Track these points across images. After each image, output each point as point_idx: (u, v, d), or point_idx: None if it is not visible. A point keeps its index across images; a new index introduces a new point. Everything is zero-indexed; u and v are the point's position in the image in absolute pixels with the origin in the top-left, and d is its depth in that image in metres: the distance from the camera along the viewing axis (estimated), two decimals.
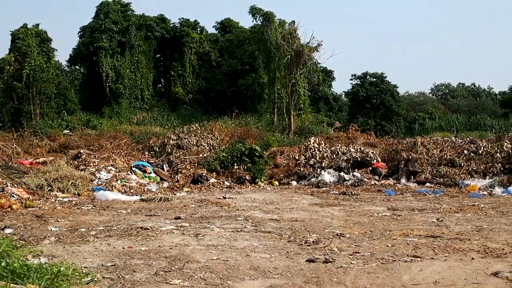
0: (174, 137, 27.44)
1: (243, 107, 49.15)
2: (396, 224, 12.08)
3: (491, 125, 50.17)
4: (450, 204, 16.02)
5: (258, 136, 30.58)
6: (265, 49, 43.50)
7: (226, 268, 7.88)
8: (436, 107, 67.16)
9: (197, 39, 52.56)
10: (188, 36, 51.72)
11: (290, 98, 41.42)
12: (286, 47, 40.95)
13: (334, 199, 17.53)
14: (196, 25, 54.88)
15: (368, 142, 27.47)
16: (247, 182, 22.27)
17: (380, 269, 7.77)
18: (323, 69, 56.64)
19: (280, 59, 41.60)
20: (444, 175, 21.78)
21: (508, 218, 12.91)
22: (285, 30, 43.17)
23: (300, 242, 9.91)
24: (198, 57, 52.55)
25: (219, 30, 56.92)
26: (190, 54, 51.61)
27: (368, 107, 55.39)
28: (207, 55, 52.54)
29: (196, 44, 52.28)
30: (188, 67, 51.49)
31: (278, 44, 41.53)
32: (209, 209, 14.88)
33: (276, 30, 42.67)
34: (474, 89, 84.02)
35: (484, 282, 7.04)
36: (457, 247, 9.24)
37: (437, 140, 26.14)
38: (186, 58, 51.28)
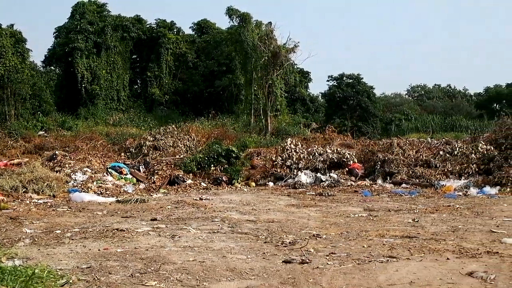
0: (150, 138, 27.33)
1: (220, 108, 49.13)
2: (372, 225, 12.12)
3: (467, 126, 50.59)
4: (425, 204, 16.09)
5: (235, 137, 30.58)
6: (242, 50, 43.58)
7: (203, 270, 7.84)
8: (412, 108, 67.57)
9: (173, 40, 52.53)
10: (165, 37, 51.67)
11: (267, 99, 41.48)
12: (263, 48, 41.00)
13: (310, 200, 17.54)
14: (173, 26, 54.82)
15: (344, 143, 27.57)
16: (224, 183, 22.23)
17: (356, 269, 7.78)
18: (299, 70, 56.78)
19: (257, 60, 41.66)
20: (420, 176, 21.91)
21: (483, 219, 13.00)
22: (261, 31, 43.23)
23: (277, 243, 9.90)
24: (175, 58, 52.53)
25: (196, 31, 56.89)
26: (167, 55, 51.57)
27: (344, 108, 55.53)
28: (184, 56, 52.52)
29: (172, 45, 52.25)
30: (165, 68, 51.45)
31: (255, 45, 41.59)
32: (186, 211, 14.83)
33: (252, 31, 42.76)
34: (450, 90, 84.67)
35: (459, 282, 7.08)
36: (432, 247, 9.29)
37: (413, 141, 26.30)
38: (162, 59, 51.23)
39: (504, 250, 9.04)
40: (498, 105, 58.75)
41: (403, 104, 73.11)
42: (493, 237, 10.35)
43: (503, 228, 11.35)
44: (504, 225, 11.83)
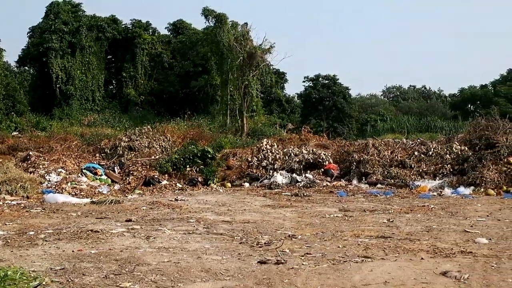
0: (125, 139, 27.14)
1: (195, 108, 49.00)
2: (347, 225, 12.14)
3: (441, 127, 51.03)
4: (400, 205, 16.18)
5: (210, 138, 30.48)
6: (218, 50, 43.56)
7: (177, 271, 7.80)
8: (388, 109, 68.05)
9: (149, 40, 52.32)
10: (140, 37, 51.45)
11: (242, 99, 41.50)
12: (239, 49, 41.02)
13: (286, 201, 17.55)
14: (148, 26, 54.60)
15: (320, 144, 27.58)
16: (199, 184, 22.18)
17: (331, 269, 7.79)
18: (275, 71, 56.80)
19: (233, 60, 41.67)
20: (395, 176, 22.02)
21: (457, 219, 13.10)
22: (237, 32, 43.24)
23: (252, 243, 9.88)
24: (150, 59, 52.33)
25: (172, 31, 56.73)
26: (142, 56, 51.36)
27: (320, 109, 55.76)
28: (159, 57, 52.33)
29: (148, 46, 52.05)
30: (140, 68, 51.24)
31: (230, 46, 41.59)
32: (161, 211, 14.77)
33: (228, 31, 42.73)
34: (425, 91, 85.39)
35: (433, 281, 7.11)
36: (407, 247, 9.33)
37: (388, 142, 26.38)
38: (138, 60, 51.01)
39: (478, 249, 9.11)
40: (472, 106, 59.32)
41: (379, 105, 73.63)
42: (467, 237, 10.43)
43: (477, 228, 11.44)
44: (478, 225, 11.93)
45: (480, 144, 22.86)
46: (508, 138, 22.57)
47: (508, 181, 19.90)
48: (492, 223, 12.32)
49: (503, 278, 7.25)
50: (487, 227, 11.61)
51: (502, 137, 22.59)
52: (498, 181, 19.93)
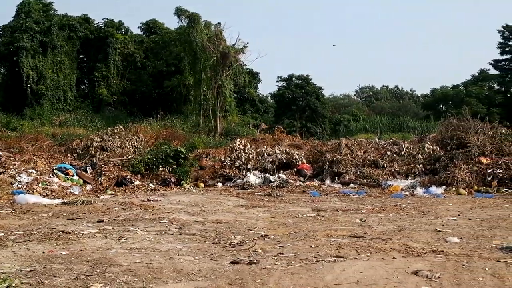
0: (97, 139, 26.93)
1: (168, 108, 48.89)
2: (320, 225, 12.15)
3: (414, 127, 51.46)
4: (373, 204, 16.24)
5: (183, 138, 30.42)
6: (191, 50, 43.52)
7: (149, 271, 7.74)
8: (361, 109, 68.43)
9: (121, 40, 52.10)
10: (113, 37, 51.20)
11: (216, 99, 41.51)
12: (212, 49, 41.01)
13: (259, 201, 17.53)
14: (121, 26, 54.40)
15: (293, 144, 27.65)
16: (172, 184, 22.07)
17: (303, 269, 7.78)
18: (249, 71, 56.85)
19: (206, 60, 41.69)
20: (367, 176, 22.11)
21: (429, 218, 13.18)
22: (211, 32, 43.24)
23: (225, 244, 9.85)
24: (123, 58, 52.11)
25: (144, 31, 56.57)
26: (115, 55, 51.11)
27: (294, 109, 55.85)
28: (132, 56, 52.12)
29: (120, 45, 51.82)
30: (113, 68, 50.98)
31: (204, 46, 41.57)
32: (133, 212, 14.67)
33: (202, 31, 42.72)
34: (398, 91, 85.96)
35: (404, 281, 7.14)
36: (379, 246, 9.36)
37: (361, 142, 26.50)
38: (110, 59, 50.75)
39: (449, 249, 9.16)
40: (444, 106, 59.79)
41: (352, 105, 74.06)
42: (439, 236, 10.48)
43: (448, 227, 11.51)
44: (449, 224, 12.00)
45: (452, 144, 23.06)
46: (479, 138, 22.79)
47: (479, 180, 20.07)
48: (463, 222, 12.41)
49: (473, 277, 7.30)
50: (458, 226, 11.69)
51: (473, 137, 22.81)
52: (469, 180, 20.09)
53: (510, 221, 12.40)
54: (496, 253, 8.81)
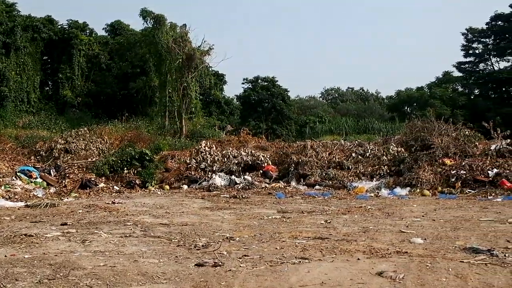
0: (61, 141, 26.70)
1: (133, 110, 48.56)
2: (285, 227, 12.17)
3: (379, 129, 51.78)
4: (338, 206, 16.32)
5: (149, 140, 30.27)
6: (156, 52, 43.35)
7: (113, 274, 7.68)
8: (326, 111, 68.72)
9: (86, 41, 51.61)
10: (77, 38, 50.67)
11: (181, 101, 41.38)
12: (177, 51, 40.90)
13: (224, 203, 17.52)
14: (85, 27, 53.93)
15: (259, 146, 27.68)
16: (137, 186, 21.97)
17: (268, 271, 7.78)
18: (214, 73, 56.75)
19: (171, 62, 41.56)
20: (333, 177, 22.21)
21: (393, 219, 13.27)
22: (176, 33, 43.08)
23: (190, 246, 9.80)
24: (88, 60, 51.62)
25: (109, 32, 56.12)
26: (79, 57, 50.62)
27: (259, 111, 55.92)
28: (97, 58, 51.68)
29: (85, 47, 51.33)
30: (77, 69, 50.48)
31: (169, 47, 41.43)
32: (97, 215, 14.54)
33: (167, 33, 42.58)
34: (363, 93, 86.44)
35: (369, 282, 7.17)
36: (344, 248, 9.39)
37: (326, 143, 26.62)
38: (74, 61, 50.24)
39: (413, 249, 9.23)
40: (409, 108, 60.27)
41: (318, 106, 74.26)
42: (403, 237, 10.55)
43: (413, 228, 11.60)
44: (414, 225, 12.10)
45: (416, 145, 23.29)
46: (443, 139, 23.05)
47: (443, 181, 20.29)
48: (427, 223, 12.51)
49: (437, 277, 7.36)
50: (422, 227, 11.78)
51: (437, 139, 23.06)
52: (433, 181, 20.30)
53: (473, 222, 12.53)
54: (459, 254, 8.88)
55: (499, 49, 59.91)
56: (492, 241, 10.02)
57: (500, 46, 59.59)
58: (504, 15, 59.31)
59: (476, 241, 10.02)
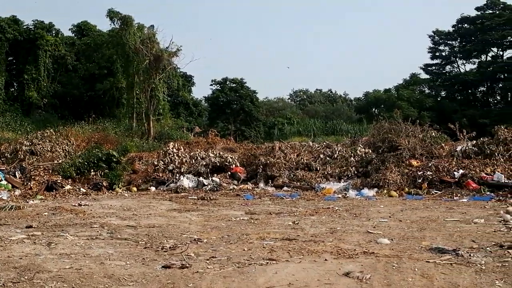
0: (27, 143, 26.33)
1: (101, 112, 48.22)
2: (253, 228, 12.16)
3: (347, 130, 52.12)
4: (306, 207, 16.35)
5: (116, 141, 30.05)
6: (124, 53, 43.07)
7: (79, 277, 7.60)
8: (295, 113, 68.93)
9: (52, 42, 51.14)
10: (43, 39, 50.20)
11: (149, 103, 41.19)
12: (145, 52, 40.67)
13: (192, 204, 17.44)
14: (51, 28, 53.45)
15: (227, 147, 27.65)
16: (104, 188, 21.75)
17: (236, 273, 7.77)
18: (183, 74, 56.62)
19: (139, 63, 41.35)
20: (301, 179, 22.25)
21: (361, 220, 13.34)
22: (144, 34, 42.87)
23: (157, 248, 9.75)
24: (54, 61, 51.17)
25: (76, 33, 55.69)
26: (45, 57, 50.14)
27: (228, 112, 55.97)
28: (63, 59, 51.25)
29: (51, 47, 50.87)
30: (43, 70, 49.99)
31: (136, 48, 41.21)
32: (64, 217, 14.36)
33: (134, 34, 42.35)
34: (331, 95, 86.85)
35: (336, 282, 7.20)
36: (311, 249, 9.41)
37: (294, 145, 26.67)
38: (40, 61, 49.75)
39: (380, 250, 9.29)
40: (376, 110, 60.74)
41: (286, 108, 74.48)
42: (370, 237, 10.62)
43: (380, 229, 11.67)
44: (381, 226, 12.17)
45: (384, 146, 23.44)
46: (410, 140, 23.23)
47: (409, 182, 20.43)
48: (394, 224, 12.60)
49: (403, 277, 7.41)
50: (389, 228, 11.86)
51: (404, 140, 23.23)
52: (400, 182, 20.43)
53: (439, 222, 12.65)
54: (425, 254, 8.97)
55: (465, 52, 60.85)
56: (457, 241, 10.13)
57: (466, 49, 60.49)
58: (470, 18, 60.23)
59: (442, 241, 10.12)
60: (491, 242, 9.88)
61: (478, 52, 60.63)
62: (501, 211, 14.23)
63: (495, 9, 60.21)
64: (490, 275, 7.53)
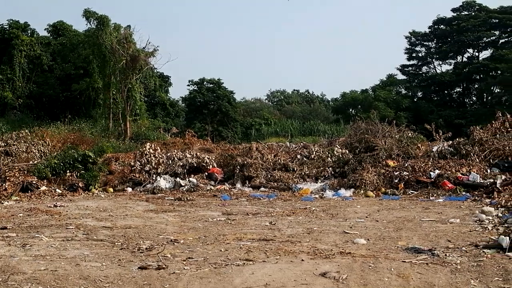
0: (1, 143, 26.08)
1: (77, 112, 47.85)
2: (230, 229, 12.15)
3: (324, 131, 52.24)
4: (283, 207, 16.37)
5: (92, 142, 29.86)
6: (100, 53, 42.74)
7: (54, 279, 7.55)
8: (272, 113, 68.97)
9: (27, 41, 50.60)
10: (18, 39, 49.66)
11: (126, 103, 41.00)
12: (122, 52, 40.45)
13: (169, 205, 17.39)
14: (27, 27, 52.92)
15: (204, 148, 27.58)
16: (80, 189, 21.61)
17: (212, 273, 7.76)
18: (159, 75, 56.37)
19: (115, 63, 41.10)
20: (278, 179, 22.25)
21: (337, 220, 13.38)
22: (120, 35, 42.62)
23: (133, 249, 9.71)
24: (29, 61, 50.62)
25: (52, 33, 55.15)
26: (20, 57, 49.60)
27: (205, 113, 55.89)
28: (39, 59, 50.76)
29: (26, 47, 50.33)
30: (18, 70, 49.45)
31: (113, 49, 40.93)
32: (39, 218, 14.26)
33: (111, 34, 42.05)
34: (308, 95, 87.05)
35: (312, 282, 7.21)
36: (288, 249, 9.42)
37: (271, 145, 26.70)
38: (15, 61, 49.21)
39: (356, 250, 9.32)
40: (353, 110, 60.84)
41: (263, 109, 74.46)
42: (346, 238, 10.66)
43: (356, 229, 11.72)
44: (357, 226, 12.22)
45: (360, 147, 23.52)
46: (387, 141, 23.33)
47: (386, 183, 20.50)
48: (370, 224, 12.66)
49: (379, 277, 7.45)
50: (365, 228, 11.91)
51: (381, 140, 23.32)
52: (377, 183, 20.50)
53: (415, 222, 12.72)
54: (401, 254, 9.02)
55: (441, 53, 61.37)
56: (433, 241, 10.20)
57: (442, 50, 61.00)
58: (446, 19, 60.73)
59: (418, 241, 10.18)
60: (467, 242, 9.96)
61: (454, 53, 61.19)
62: (476, 211, 14.33)
63: (471, 10, 60.80)
64: (465, 275, 7.59)
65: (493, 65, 55.38)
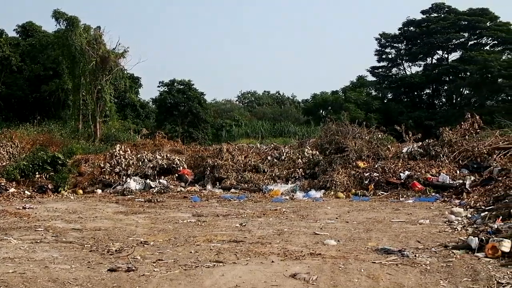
0: None
1: (46, 113, 47.50)
2: (200, 230, 12.13)
3: (294, 132, 52.29)
4: (253, 209, 16.38)
5: (61, 143, 29.63)
6: (70, 54, 42.46)
7: (23, 281, 7.48)
8: (243, 115, 68.92)
9: None
10: None
11: (95, 104, 40.80)
12: (91, 53, 40.23)
13: (139, 207, 17.31)
14: None
15: (174, 149, 27.50)
16: (49, 191, 21.43)
17: (182, 275, 7.74)
18: (130, 76, 56.06)
19: (85, 64, 40.89)
20: (248, 180, 22.29)
21: (308, 221, 13.42)
22: (90, 36, 42.38)
23: (103, 251, 9.66)
24: None
25: (21, 33, 54.67)
26: None
27: (176, 114, 55.65)
28: (7, 60, 50.22)
29: None
30: None
31: (83, 50, 40.73)
32: (7, 220, 14.10)
33: (80, 35, 41.79)
34: (279, 97, 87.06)
35: (282, 284, 7.23)
36: (258, 251, 9.43)
37: (242, 147, 26.73)
38: None
39: (326, 251, 9.36)
40: (324, 111, 61.00)
41: (234, 110, 74.43)
42: (317, 239, 10.69)
43: (326, 230, 11.76)
44: (327, 227, 12.27)
45: (331, 148, 23.60)
46: (357, 142, 23.46)
47: (356, 184, 20.62)
48: (340, 225, 12.72)
49: (349, 278, 7.49)
50: (336, 229, 11.96)
51: (351, 142, 23.44)
52: (347, 184, 20.61)
53: (386, 223, 12.81)
54: (371, 255, 9.07)
55: (411, 54, 61.92)
56: (403, 241, 10.28)
57: (412, 51, 61.56)
58: (415, 21, 61.26)
59: (388, 242, 10.26)
60: (436, 243, 10.06)
61: (424, 54, 61.73)
62: (446, 212, 14.50)
63: (440, 12, 61.42)
64: (435, 275, 7.67)
65: (462, 66, 55.99)
